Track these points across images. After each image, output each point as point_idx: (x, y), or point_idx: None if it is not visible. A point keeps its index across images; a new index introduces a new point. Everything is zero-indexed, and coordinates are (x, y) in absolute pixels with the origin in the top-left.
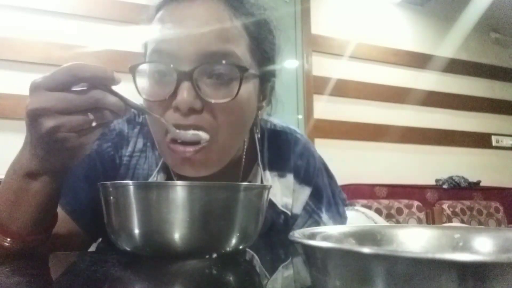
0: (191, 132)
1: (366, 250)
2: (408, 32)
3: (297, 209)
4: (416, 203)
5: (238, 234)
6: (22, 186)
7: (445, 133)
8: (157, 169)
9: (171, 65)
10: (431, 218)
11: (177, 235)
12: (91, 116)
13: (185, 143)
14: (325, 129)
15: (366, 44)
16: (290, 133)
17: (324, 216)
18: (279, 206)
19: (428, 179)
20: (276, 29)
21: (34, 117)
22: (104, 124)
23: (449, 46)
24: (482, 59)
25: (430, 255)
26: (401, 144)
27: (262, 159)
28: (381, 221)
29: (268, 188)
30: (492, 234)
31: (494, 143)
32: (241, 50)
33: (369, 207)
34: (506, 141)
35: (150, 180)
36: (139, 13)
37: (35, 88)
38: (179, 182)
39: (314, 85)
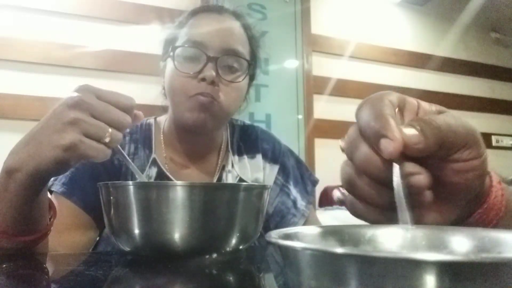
0: None
1: (339, 250)
2: (408, 32)
3: (268, 183)
4: None
5: (238, 234)
6: (2, 183)
7: None
8: (149, 164)
9: (202, 50)
10: None
11: (177, 235)
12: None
13: (205, 95)
14: (325, 129)
15: (366, 44)
16: (256, 126)
17: (293, 189)
18: (249, 182)
19: None
20: (263, 44)
21: (72, 103)
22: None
23: (448, 46)
24: (482, 59)
25: (402, 255)
26: None
27: (232, 147)
28: None
29: (268, 188)
30: (466, 233)
31: (494, 143)
32: (246, 51)
33: None
34: (506, 141)
35: (144, 174)
36: (139, 14)
37: (87, 88)
38: (179, 182)
39: (314, 85)
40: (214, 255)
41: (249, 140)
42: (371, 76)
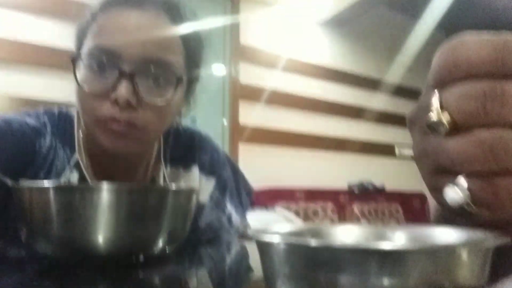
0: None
1: (312, 242)
2: (328, 50)
3: (204, 198)
4: (330, 205)
5: (165, 236)
6: None
7: (356, 142)
8: (70, 167)
9: (114, 63)
10: (343, 219)
11: (101, 238)
12: None
13: (119, 121)
14: (249, 135)
15: (290, 58)
16: (193, 131)
17: (228, 204)
18: None
19: (342, 184)
20: (205, 39)
21: None
22: None
23: (362, 64)
24: (391, 79)
25: (359, 245)
26: (319, 151)
27: (165, 156)
28: (298, 222)
29: (196, 191)
30: (407, 230)
31: (397, 153)
32: (178, 59)
33: (289, 209)
34: (406, 151)
35: (63, 178)
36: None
37: None
38: (105, 185)
39: (241, 93)
40: (141, 258)
41: (185, 149)
42: (295, 87)
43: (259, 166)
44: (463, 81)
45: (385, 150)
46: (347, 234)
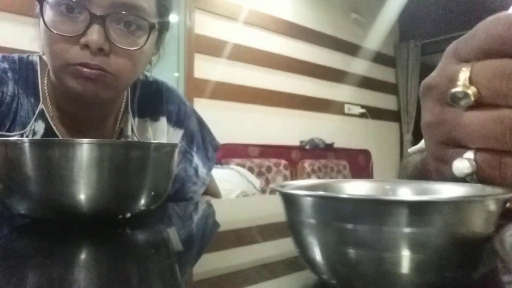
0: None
1: (341, 195)
2: (289, 3)
3: None
4: (283, 162)
5: (150, 194)
6: None
7: (309, 99)
8: (34, 117)
9: (85, 6)
10: (295, 175)
11: (83, 196)
12: None
13: (91, 66)
14: (204, 89)
15: (248, 8)
16: (161, 83)
17: (195, 156)
18: None
19: (294, 141)
20: None
21: None
22: None
23: (319, 21)
24: (343, 36)
25: (381, 197)
26: (272, 107)
27: (132, 106)
28: (253, 178)
29: (178, 146)
30: (411, 185)
31: (346, 111)
32: (150, 5)
33: (243, 166)
34: (355, 110)
35: (28, 128)
36: None
37: None
38: (86, 140)
39: (196, 44)
40: (128, 215)
41: (152, 100)
42: (252, 40)
43: (214, 122)
44: (498, 58)
45: (336, 107)
46: (357, 188)
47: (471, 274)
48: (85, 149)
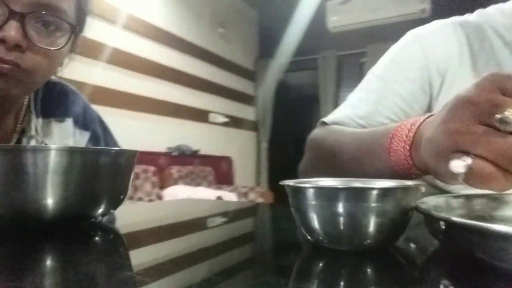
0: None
1: (336, 185)
2: (162, 10)
3: None
4: (151, 168)
5: (113, 197)
6: None
7: (176, 106)
8: None
9: (3, 1)
10: (163, 182)
11: (50, 202)
12: None
13: (4, 61)
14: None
15: (128, 13)
16: (65, 84)
17: None
18: None
19: (162, 147)
20: None
21: None
22: None
23: (189, 31)
24: (210, 48)
25: (355, 185)
26: (140, 113)
27: (36, 107)
28: None
29: (137, 153)
30: (369, 182)
31: (210, 119)
32: (70, 8)
33: None
34: (219, 118)
35: None
36: None
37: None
38: (53, 147)
39: None
40: (89, 220)
41: (57, 101)
42: (120, 42)
43: None
44: None
45: (201, 115)
46: (347, 183)
47: (403, 231)
48: (52, 156)
